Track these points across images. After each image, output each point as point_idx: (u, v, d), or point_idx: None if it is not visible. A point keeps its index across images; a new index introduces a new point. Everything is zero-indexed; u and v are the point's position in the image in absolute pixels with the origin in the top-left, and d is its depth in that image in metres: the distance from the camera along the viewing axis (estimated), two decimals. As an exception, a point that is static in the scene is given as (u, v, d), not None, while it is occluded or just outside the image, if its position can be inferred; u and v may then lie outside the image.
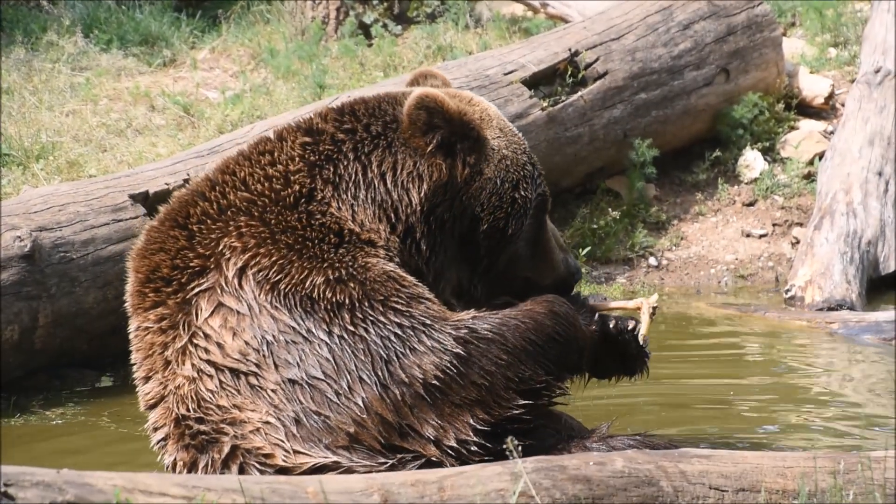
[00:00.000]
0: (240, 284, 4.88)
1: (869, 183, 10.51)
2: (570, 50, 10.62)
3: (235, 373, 4.83)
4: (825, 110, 11.92)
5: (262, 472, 4.74)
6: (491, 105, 5.40)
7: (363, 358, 4.85)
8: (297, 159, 5.05)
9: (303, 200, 4.99)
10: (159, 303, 4.96)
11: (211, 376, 4.83)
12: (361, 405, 4.82)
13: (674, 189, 11.51)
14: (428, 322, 4.92)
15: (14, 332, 7.73)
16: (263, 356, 4.82)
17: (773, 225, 11.20)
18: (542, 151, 10.23)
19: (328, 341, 4.84)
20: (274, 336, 4.84)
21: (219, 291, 4.89)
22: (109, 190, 8.29)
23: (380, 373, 4.85)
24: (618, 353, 5.35)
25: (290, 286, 4.87)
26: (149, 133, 11.13)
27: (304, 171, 5.03)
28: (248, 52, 13.33)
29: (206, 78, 12.82)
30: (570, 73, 10.55)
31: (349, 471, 4.72)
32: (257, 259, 4.88)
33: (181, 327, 4.90)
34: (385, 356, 4.86)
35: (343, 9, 13.62)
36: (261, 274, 4.87)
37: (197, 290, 4.91)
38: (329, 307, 4.86)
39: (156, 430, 4.97)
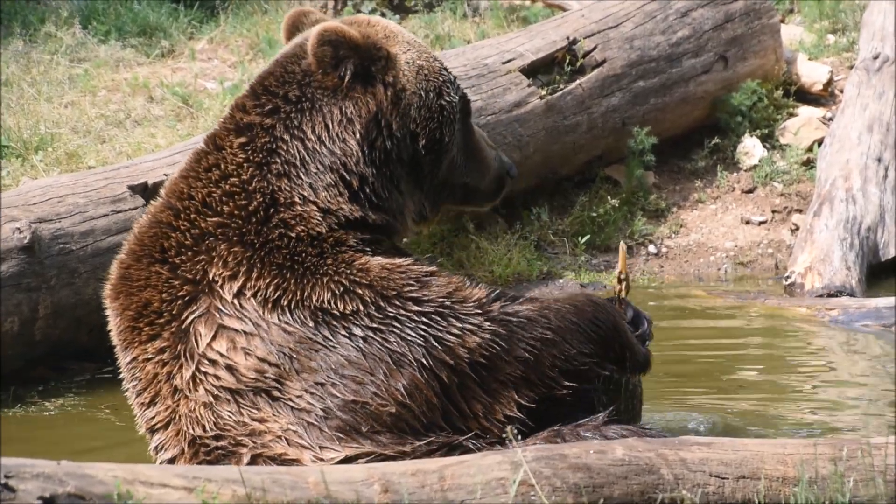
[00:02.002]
0: (240, 305, 4.81)
1: (868, 169, 10.50)
2: (568, 38, 10.61)
3: (255, 391, 4.76)
4: (824, 97, 11.91)
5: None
6: (391, 22, 5.34)
7: (398, 350, 4.80)
8: (244, 165, 4.95)
9: (272, 210, 4.89)
10: (155, 335, 4.89)
11: (228, 400, 4.77)
12: (404, 390, 4.77)
13: (673, 177, 11.51)
14: (448, 303, 4.89)
15: (14, 324, 7.74)
16: (284, 369, 4.75)
17: (773, 212, 11.20)
18: (541, 140, 10.25)
19: (352, 343, 4.79)
20: (291, 348, 4.77)
21: (216, 315, 4.81)
22: (108, 181, 8.29)
23: (422, 359, 4.81)
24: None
25: (294, 303, 4.80)
26: (147, 124, 11.13)
27: (258, 176, 4.93)
28: (247, 43, 13.32)
29: (205, 69, 12.81)
30: (568, 61, 10.55)
31: (383, 458, 4.68)
32: (251, 282, 4.81)
33: (184, 356, 4.82)
34: (423, 344, 4.82)
35: (341, -2, 13.62)
36: (259, 295, 4.80)
37: (191, 317, 4.84)
38: (343, 316, 4.81)
39: (163, 449, 4.90)
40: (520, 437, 4.77)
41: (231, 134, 5.02)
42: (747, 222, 11.15)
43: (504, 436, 4.81)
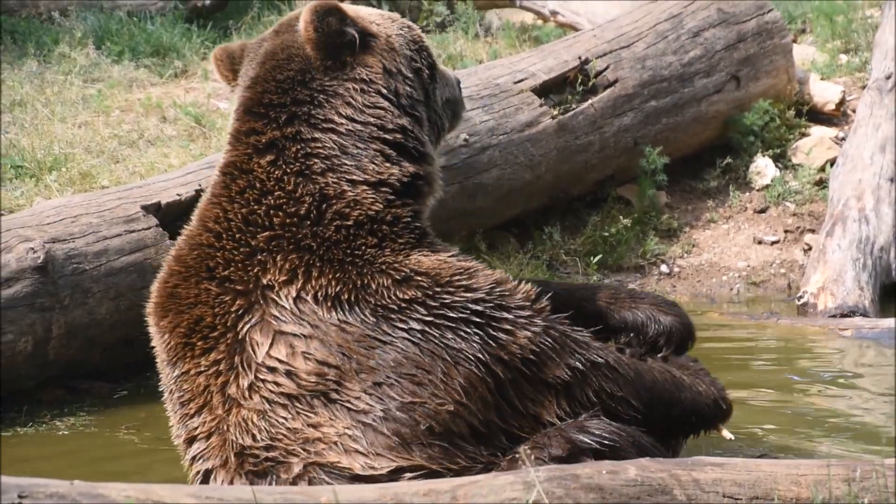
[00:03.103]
0: (299, 308, 4.80)
1: (881, 189, 10.49)
2: (580, 58, 10.63)
3: (313, 394, 4.75)
4: (836, 116, 11.91)
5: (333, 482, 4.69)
6: None
7: (455, 346, 4.82)
8: (284, 178, 4.96)
9: (324, 206, 4.93)
10: (210, 349, 4.88)
11: (285, 405, 4.76)
12: (461, 388, 4.79)
13: (685, 196, 11.51)
14: (497, 291, 4.94)
15: (28, 344, 7.75)
16: (344, 370, 4.75)
17: (785, 231, 11.19)
18: (553, 159, 10.25)
19: (409, 337, 4.81)
20: (351, 347, 4.77)
21: (272, 322, 4.81)
22: (122, 201, 8.30)
23: (478, 354, 4.83)
24: None
25: (354, 296, 4.82)
26: (160, 144, 11.15)
27: (302, 182, 4.96)
28: (259, 63, 13.33)
29: (218, 88, 12.83)
30: (580, 81, 10.56)
31: (430, 473, 4.70)
32: (311, 284, 4.82)
33: (241, 366, 4.82)
34: (478, 340, 4.84)
35: (353, 18, 13.65)
36: (320, 294, 4.81)
37: (246, 327, 4.84)
38: (401, 306, 4.83)
39: (201, 459, 4.90)
40: (528, 451, 4.78)
41: (255, 156, 5.03)
42: (760, 242, 11.14)
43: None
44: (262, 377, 4.79)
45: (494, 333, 4.87)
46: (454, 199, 9.35)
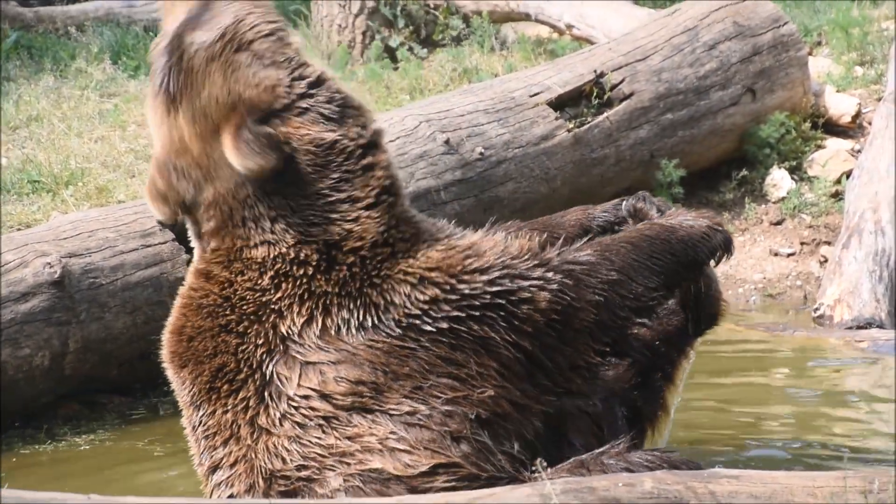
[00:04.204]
0: (323, 341, 4.80)
1: (897, 201, 10.46)
2: (595, 71, 10.62)
3: (351, 411, 4.77)
4: (852, 129, 11.88)
5: (368, 488, 4.72)
6: None
7: (483, 334, 4.86)
8: (279, 255, 4.90)
9: (333, 252, 4.89)
10: (237, 389, 4.86)
11: (320, 425, 4.77)
12: (496, 373, 4.85)
13: (701, 209, 11.49)
14: (508, 261, 4.95)
15: (45, 358, 7.77)
16: (380, 382, 4.76)
17: (801, 244, 11.17)
18: (569, 173, 10.24)
19: (439, 337, 4.83)
20: (382, 361, 4.78)
21: (298, 356, 4.81)
22: (138, 216, 8.33)
23: (506, 336, 4.87)
24: None
25: (377, 316, 4.82)
26: (176, 158, 11.16)
27: (298, 248, 4.91)
28: (275, 77, 13.36)
29: (233, 103, 12.85)
30: (595, 94, 10.55)
31: (464, 475, 4.75)
32: (331, 318, 4.82)
33: (271, 399, 4.81)
34: (503, 322, 4.88)
35: (369, 33, 13.68)
36: (342, 325, 4.81)
37: (273, 364, 4.82)
38: (423, 308, 4.84)
39: (226, 485, 4.89)
40: (545, 464, 4.78)
41: (223, 267, 4.97)
42: (776, 254, 11.12)
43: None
44: (294, 405, 4.79)
45: (516, 310, 4.90)
46: (470, 213, 9.35)
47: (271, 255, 4.90)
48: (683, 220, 5.37)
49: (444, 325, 4.84)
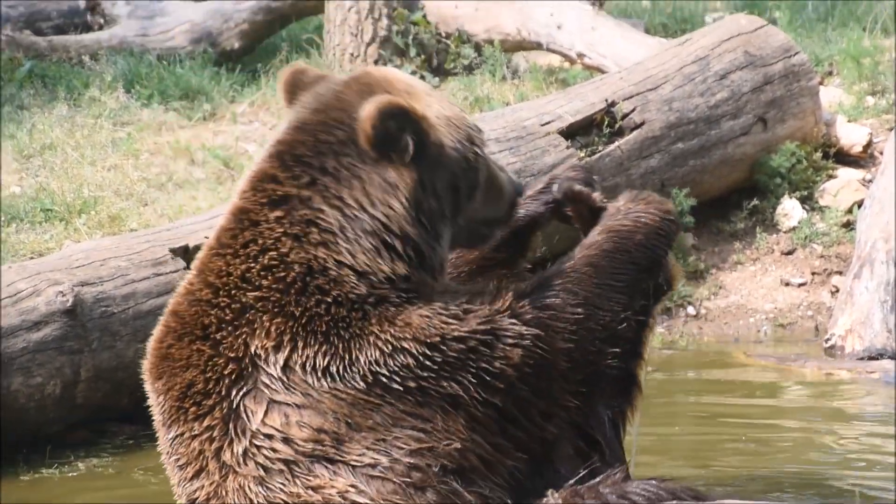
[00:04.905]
0: (288, 378, 4.74)
1: (909, 231, 10.46)
2: (606, 100, 10.65)
3: (311, 459, 4.72)
4: (863, 159, 11.88)
5: None
6: (397, 71, 5.28)
7: (452, 392, 4.77)
8: (282, 238, 4.87)
9: (308, 279, 4.81)
10: (203, 414, 4.82)
11: (282, 471, 4.72)
12: (463, 428, 4.78)
13: (712, 238, 11.50)
14: (487, 327, 4.85)
15: (56, 387, 7.79)
16: (342, 433, 4.71)
17: (812, 273, 11.17)
18: (580, 202, 10.24)
19: (406, 395, 4.76)
20: (346, 412, 4.72)
21: (265, 391, 4.75)
22: (150, 244, 8.35)
23: (475, 395, 4.79)
24: None
25: (343, 367, 4.74)
26: (189, 187, 11.23)
27: (296, 247, 4.85)
28: (287, 106, 13.40)
29: (246, 131, 12.92)
30: (606, 123, 10.58)
31: None
32: (297, 353, 4.75)
33: (234, 432, 4.77)
34: (474, 380, 4.80)
35: (381, 62, 13.72)
36: (308, 365, 4.74)
37: (240, 394, 4.78)
38: (394, 371, 4.76)
39: None
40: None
41: (266, 207, 4.92)
42: (787, 284, 11.11)
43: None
44: (257, 443, 4.74)
45: (489, 367, 4.82)
46: (481, 242, 9.34)
47: (276, 232, 4.87)
48: (637, 217, 5.26)
49: (413, 385, 4.77)
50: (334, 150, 4.95)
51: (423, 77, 13.59)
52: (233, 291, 4.86)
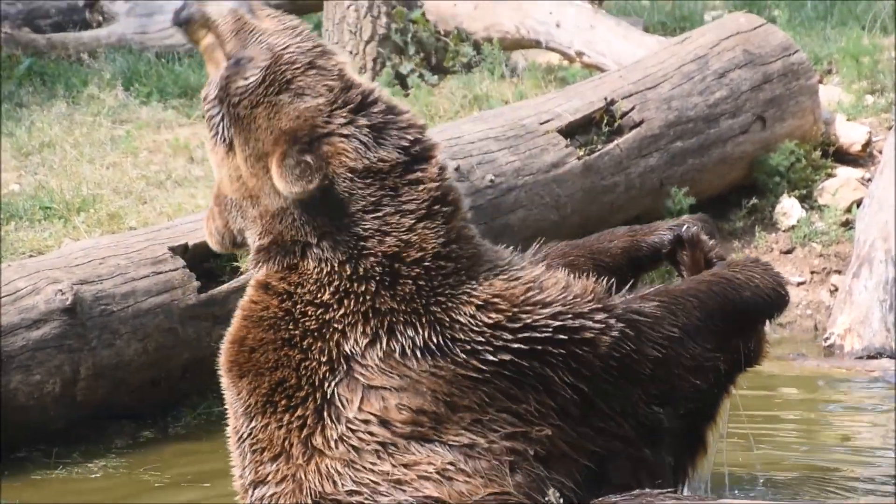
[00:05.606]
0: (388, 364, 4.83)
1: (907, 230, 10.46)
2: (605, 99, 10.64)
3: (409, 439, 4.80)
4: (862, 157, 11.88)
5: None
6: None
7: (543, 373, 4.89)
8: (336, 273, 4.98)
9: (396, 265, 4.93)
10: (295, 405, 4.90)
11: (376, 451, 4.80)
12: (555, 413, 4.88)
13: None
14: (570, 299, 4.97)
15: (56, 385, 7.78)
16: (441, 413, 4.80)
17: (812, 272, 11.16)
18: (579, 201, 10.26)
19: (500, 370, 4.86)
20: (445, 391, 4.81)
21: (361, 379, 4.84)
22: (149, 242, 8.35)
23: (565, 377, 4.89)
24: None
25: (443, 336, 4.86)
26: (188, 185, 11.21)
27: (358, 262, 4.96)
28: (286, 104, 13.39)
29: (245, 129, 12.88)
30: (605, 121, 10.58)
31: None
32: (396, 338, 4.84)
33: (329, 419, 4.85)
34: (563, 362, 4.90)
35: (380, 59, 13.72)
36: (407, 345, 4.84)
37: (333, 385, 4.86)
38: (486, 334, 4.87)
39: (265, 502, 4.92)
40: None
41: (291, 269, 5.04)
42: (786, 283, 11.10)
43: None
44: (353, 428, 4.82)
45: (576, 350, 4.92)
46: (480, 240, 9.34)
47: (325, 272, 4.96)
48: (751, 276, 5.34)
49: (507, 357, 4.85)
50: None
51: (421, 75, 13.59)
52: (308, 310, 4.97)
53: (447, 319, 4.87)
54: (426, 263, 4.93)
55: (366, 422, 4.81)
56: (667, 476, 5.15)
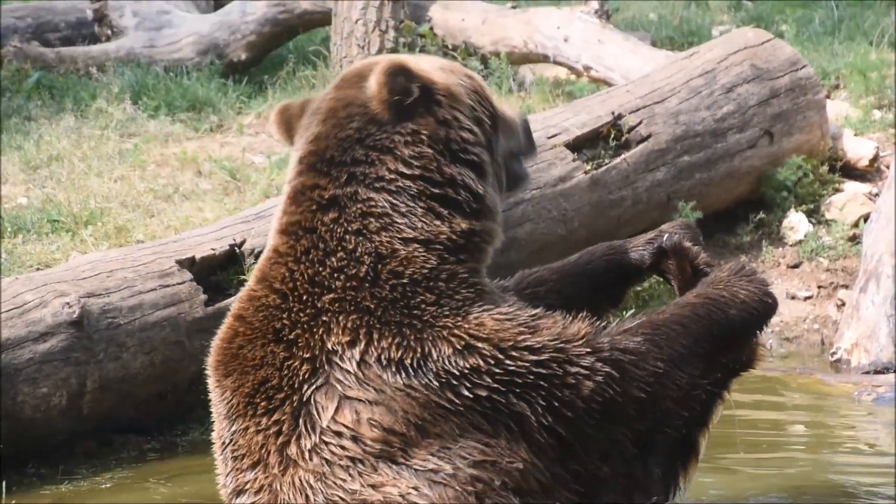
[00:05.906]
0: (363, 373, 4.80)
1: (915, 245, 10.45)
2: (613, 113, 10.65)
3: (377, 458, 4.77)
4: (870, 172, 11.87)
5: None
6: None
7: (519, 410, 4.82)
8: (345, 237, 4.96)
9: (379, 266, 4.90)
10: (273, 409, 4.88)
11: (347, 467, 4.77)
12: (526, 451, 4.81)
13: (718, 251, 11.48)
14: (560, 345, 4.89)
15: (62, 398, 7.79)
16: (410, 436, 4.76)
17: (819, 287, 11.16)
18: (586, 215, 10.26)
19: (475, 405, 4.80)
20: (417, 414, 4.77)
21: (338, 386, 4.81)
22: (156, 256, 8.36)
23: (542, 419, 4.83)
24: None
25: (417, 361, 4.80)
26: (195, 198, 11.23)
27: (361, 241, 4.93)
28: (294, 118, 13.41)
29: (252, 143, 12.94)
30: (613, 136, 10.58)
31: None
32: (373, 346, 4.81)
33: (304, 427, 4.82)
34: (542, 402, 4.83)
35: (388, 74, 13.71)
36: (383, 356, 4.80)
37: (311, 389, 4.84)
38: (464, 373, 4.80)
39: None
40: None
41: (318, 213, 5.01)
42: (793, 297, 11.10)
43: None
44: (326, 440, 4.79)
45: (559, 393, 4.85)
46: (487, 254, 9.34)
47: (337, 234, 4.96)
48: (736, 292, 5.27)
49: (483, 394, 4.80)
50: (356, 138, 5.05)
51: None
52: (304, 297, 4.93)
53: (420, 348, 4.81)
54: (403, 281, 4.88)
55: (338, 434, 4.77)
56: (659, 490, 5.11)
